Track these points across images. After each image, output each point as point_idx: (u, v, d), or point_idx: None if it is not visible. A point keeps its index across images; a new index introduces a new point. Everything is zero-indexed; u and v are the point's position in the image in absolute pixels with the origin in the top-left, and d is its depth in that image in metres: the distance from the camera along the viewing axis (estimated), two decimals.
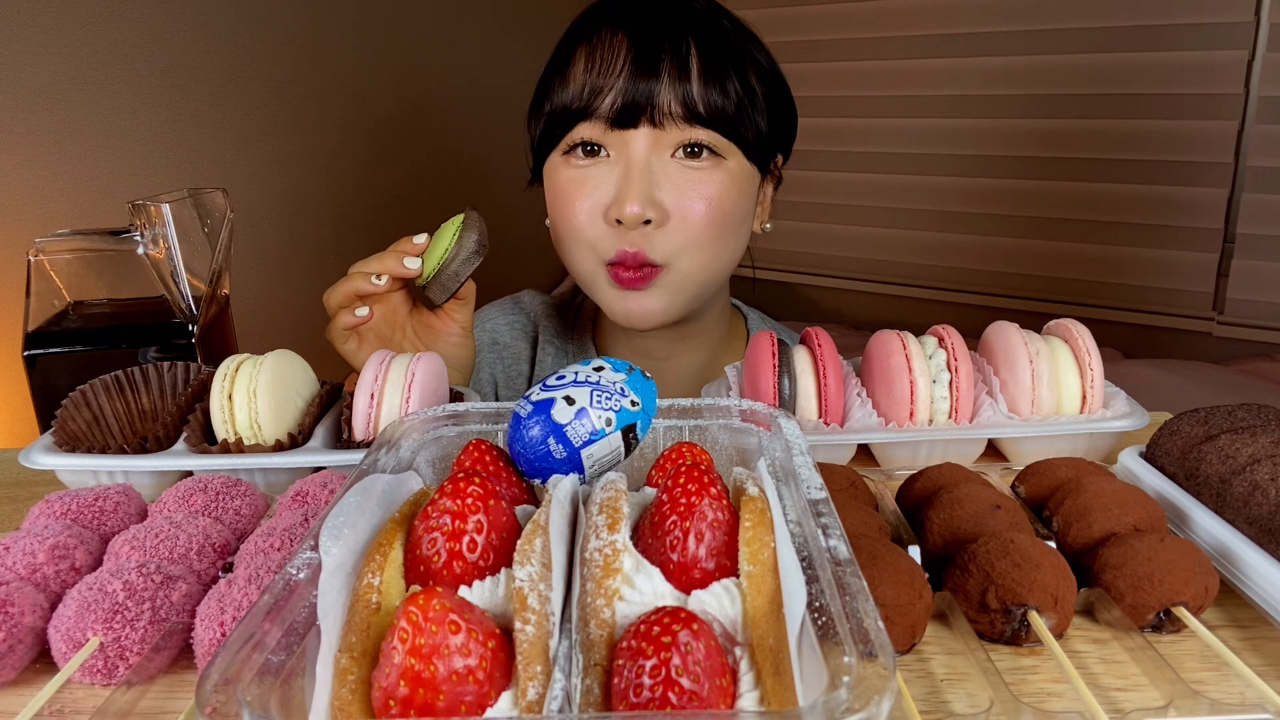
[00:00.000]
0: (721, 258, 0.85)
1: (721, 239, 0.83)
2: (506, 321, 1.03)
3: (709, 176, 0.80)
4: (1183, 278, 2.03)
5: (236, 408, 0.66)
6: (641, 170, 0.79)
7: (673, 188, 0.80)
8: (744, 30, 0.86)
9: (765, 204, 0.92)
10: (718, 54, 0.80)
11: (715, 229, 0.82)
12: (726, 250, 0.85)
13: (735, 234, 0.85)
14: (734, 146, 0.81)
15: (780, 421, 0.51)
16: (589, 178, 0.81)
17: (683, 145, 0.79)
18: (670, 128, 0.79)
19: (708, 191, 0.80)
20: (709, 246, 0.83)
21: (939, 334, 0.71)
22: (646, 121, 0.78)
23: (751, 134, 0.82)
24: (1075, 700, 0.41)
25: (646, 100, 0.78)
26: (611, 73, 0.78)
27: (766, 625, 0.35)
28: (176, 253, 0.86)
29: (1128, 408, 0.69)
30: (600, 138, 0.80)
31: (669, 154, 0.80)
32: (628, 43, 0.79)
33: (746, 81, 0.81)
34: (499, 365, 1.01)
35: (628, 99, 0.78)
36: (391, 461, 0.49)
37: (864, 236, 2.48)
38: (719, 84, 0.79)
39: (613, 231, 0.81)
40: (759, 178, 0.87)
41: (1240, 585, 0.48)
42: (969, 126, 2.25)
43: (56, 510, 0.55)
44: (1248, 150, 1.91)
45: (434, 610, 0.31)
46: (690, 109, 0.78)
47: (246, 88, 1.82)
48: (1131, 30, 1.98)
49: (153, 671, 0.43)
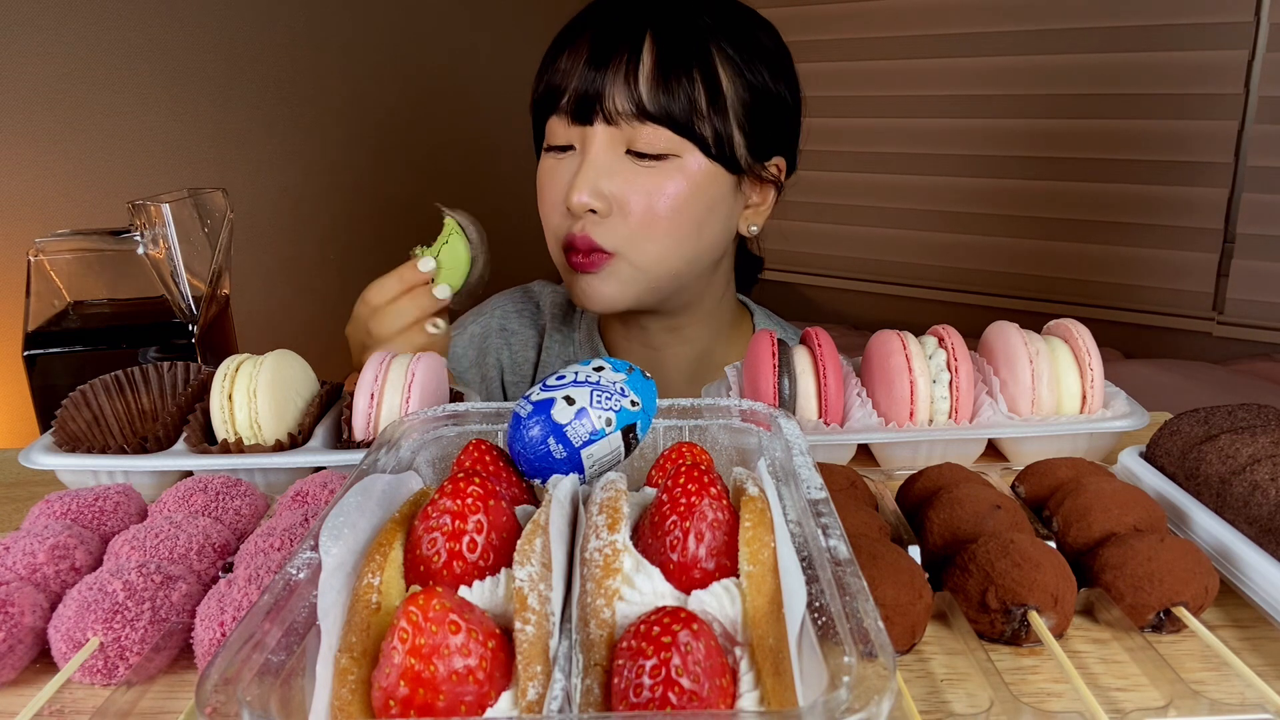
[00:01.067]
0: (680, 252, 0.87)
1: (672, 235, 0.85)
2: (516, 309, 1.06)
3: (659, 172, 0.83)
4: (1183, 278, 2.03)
5: (236, 408, 0.66)
6: (592, 162, 0.83)
7: (622, 182, 0.83)
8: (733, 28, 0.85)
9: (760, 207, 0.92)
10: (677, 52, 0.82)
11: (664, 224, 0.84)
12: (686, 245, 0.87)
13: (693, 232, 0.86)
14: (689, 145, 0.83)
15: (780, 421, 0.51)
16: (557, 170, 0.87)
17: (634, 147, 0.83)
18: (624, 125, 0.82)
19: (656, 187, 0.83)
20: (659, 241, 0.85)
21: (939, 334, 0.71)
22: (600, 118, 0.82)
23: (710, 133, 0.83)
24: (1075, 700, 0.41)
25: (596, 96, 0.82)
26: (572, 70, 0.83)
27: (766, 625, 0.35)
28: (176, 253, 0.86)
29: (1128, 408, 0.69)
30: (566, 134, 0.85)
31: (623, 150, 0.83)
32: (589, 38, 0.83)
33: (712, 81, 0.82)
34: (506, 351, 1.04)
35: (580, 95, 0.82)
36: (391, 461, 0.49)
37: (864, 236, 2.48)
38: (670, 83, 0.81)
39: (567, 220, 0.86)
40: (729, 178, 0.86)
41: (1240, 585, 0.48)
42: (969, 126, 2.25)
43: (56, 510, 0.55)
44: (1248, 150, 1.90)
45: (434, 610, 0.31)
46: (638, 106, 0.81)
47: (246, 88, 1.82)
48: (1131, 30, 1.98)
49: (153, 671, 0.43)
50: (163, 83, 1.67)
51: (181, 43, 1.69)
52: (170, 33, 1.67)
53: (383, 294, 0.80)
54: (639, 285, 0.87)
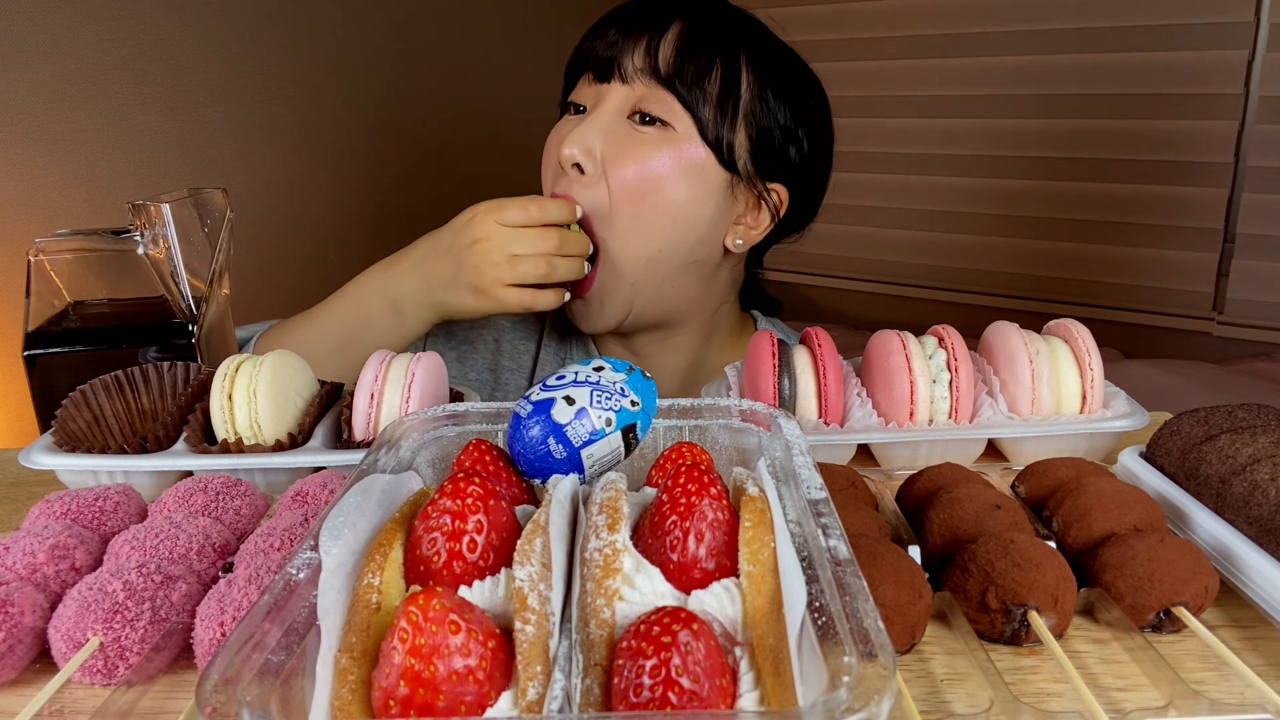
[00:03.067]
0: (654, 233, 0.85)
1: (651, 211, 0.84)
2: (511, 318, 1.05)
3: (651, 141, 0.83)
4: (1183, 278, 2.03)
5: (236, 408, 0.66)
6: (592, 120, 0.84)
7: (615, 142, 0.83)
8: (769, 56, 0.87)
9: (753, 227, 0.90)
10: (703, 37, 0.84)
11: (639, 198, 0.83)
12: (660, 228, 0.84)
13: (669, 216, 0.84)
14: (688, 120, 0.83)
15: (780, 421, 0.51)
16: (562, 128, 0.88)
17: (638, 108, 0.84)
18: (635, 84, 0.83)
19: (643, 155, 0.83)
20: (633, 217, 0.84)
21: (939, 334, 0.71)
22: (617, 76, 0.84)
23: (709, 116, 0.83)
24: (1075, 700, 0.41)
25: (618, 52, 0.84)
26: (605, 35, 0.86)
27: (766, 625, 0.35)
28: (176, 253, 0.86)
29: (1128, 408, 0.69)
30: (584, 94, 0.86)
31: (627, 112, 0.84)
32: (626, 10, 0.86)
33: (730, 78, 0.84)
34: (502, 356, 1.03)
35: (604, 54, 0.85)
36: (391, 461, 0.49)
37: (864, 236, 2.48)
38: (689, 57, 0.83)
39: (557, 177, 0.87)
40: (723, 176, 0.85)
41: (1240, 585, 0.48)
42: (969, 126, 2.25)
43: (56, 510, 0.55)
44: (1248, 150, 1.90)
45: (434, 610, 0.31)
46: (652, 66, 0.82)
47: (246, 87, 1.82)
48: (1131, 30, 1.98)
49: (153, 671, 0.43)
50: (162, 82, 1.67)
51: (181, 43, 1.69)
52: (170, 32, 1.67)
53: (523, 215, 0.81)
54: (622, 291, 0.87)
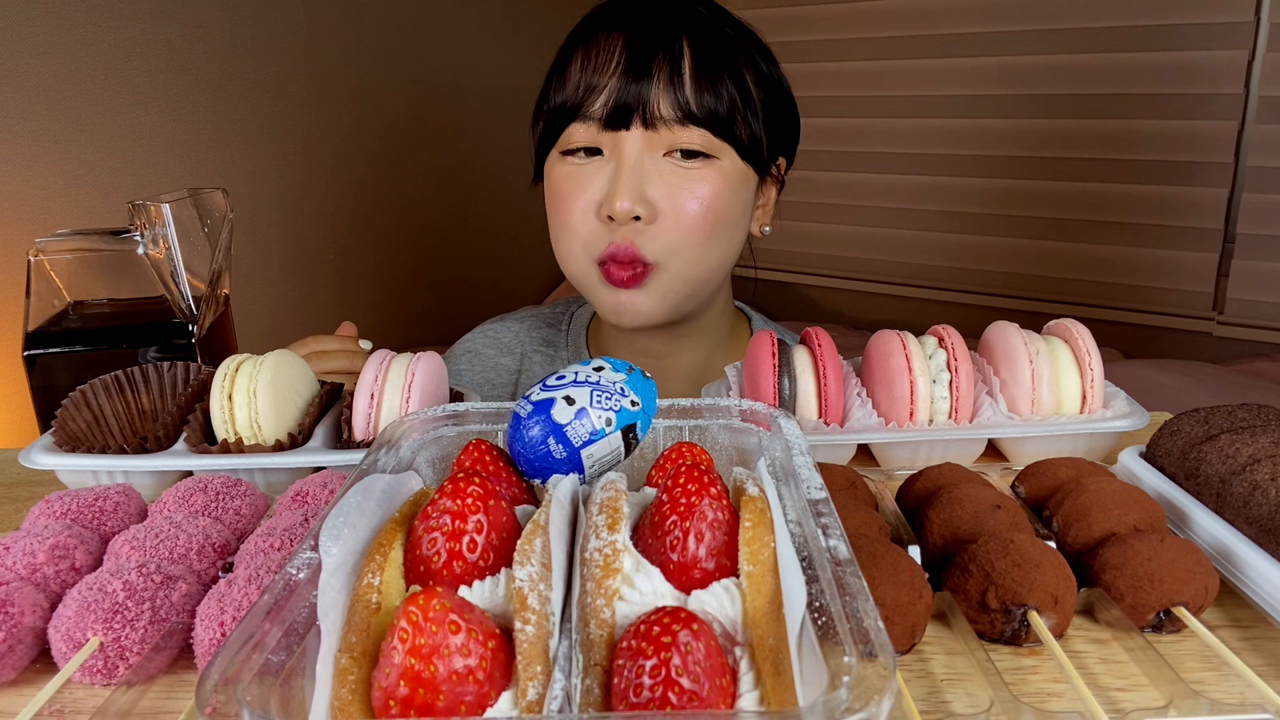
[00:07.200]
0: (712, 258, 0.85)
1: (713, 238, 0.83)
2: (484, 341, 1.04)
3: (701, 176, 0.81)
4: (1183, 278, 2.03)
5: (236, 408, 0.66)
6: (633, 168, 0.80)
7: (664, 185, 0.80)
8: (745, 33, 0.86)
9: (767, 206, 0.92)
10: (713, 56, 0.80)
11: (707, 228, 0.82)
12: (718, 250, 0.85)
13: (728, 234, 0.85)
14: (727, 147, 0.81)
15: (780, 421, 0.51)
16: (584, 175, 0.82)
17: (676, 147, 0.80)
18: (662, 129, 0.79)
19: (699, 191, 0.81)
20: (700, 245, 0.83)
21: (939, 334, 0.71)
22: (639, 122, 0.79)
23: (746, 135, 0.82)
24: (1075, 700, 0.41)
25: (638, 101, 0.79)
26: (605, 72, 0.79)
27: (766, 625, 0.35)
28: (176, 253, 0.86)
29: (1128, 408, 0.69)
30: (594, 139, 0.81)
31: (661, 154, 0.81)
32: (623, 43, 0.80)
33: (742, 84, 0.82)
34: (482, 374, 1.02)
35: (620, 100, 0.79)
36: (391, 461, 0.49)
37: (864, 236, 2.48)
38: (712, 86, 0.79)
39: (605, 228, 0.82)
40: (755, 179, 0.86)
41: (1240, 585, 0.48)
42: (968, 126, 2.25)
43: (56, 510, 0.55)
44: (1248, 150, 1.91)
45: (434, 610, 0.31)
46: (683, 110, 0.79)
47: (246, 87, 1.82)
48: (1131, 30, 1.98)
49: (153, 671, 0.43)
50: (162, 82, 1.67)
51: (181, 42, 1.69)
52: (170, 32, 1.67)
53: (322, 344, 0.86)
54: (674, 297, 0.85)
